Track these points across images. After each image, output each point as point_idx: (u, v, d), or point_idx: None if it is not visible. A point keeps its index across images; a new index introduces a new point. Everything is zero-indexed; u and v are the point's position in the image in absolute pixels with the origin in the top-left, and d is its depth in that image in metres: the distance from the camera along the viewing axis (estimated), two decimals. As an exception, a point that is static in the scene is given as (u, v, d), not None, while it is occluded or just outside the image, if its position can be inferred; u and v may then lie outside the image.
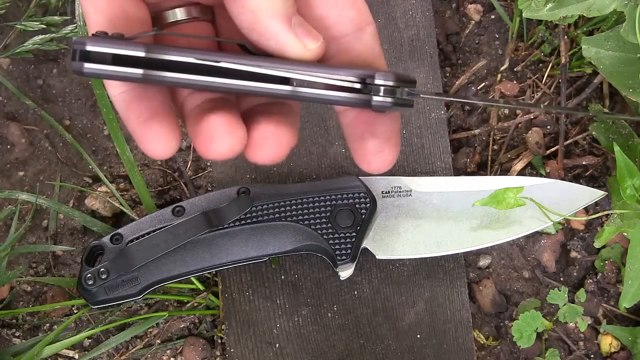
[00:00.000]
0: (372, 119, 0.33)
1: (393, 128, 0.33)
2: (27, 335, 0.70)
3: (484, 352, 0.70)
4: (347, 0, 0.33)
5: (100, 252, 0.64)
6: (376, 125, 0.33)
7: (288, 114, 0.33)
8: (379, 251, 0.66)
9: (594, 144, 0.75)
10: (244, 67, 0.30)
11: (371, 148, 0.33)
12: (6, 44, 0.77)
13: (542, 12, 0.67)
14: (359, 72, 0.31)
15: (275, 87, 0.30)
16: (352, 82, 0.31)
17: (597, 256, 0.72)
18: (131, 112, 0.32)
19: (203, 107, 0.32)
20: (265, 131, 0.31)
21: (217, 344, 0.69)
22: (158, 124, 0.31)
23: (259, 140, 0.31)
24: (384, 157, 0.33)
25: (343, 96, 0.31)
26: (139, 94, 0.32)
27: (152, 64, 0.30)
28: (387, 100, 0.30)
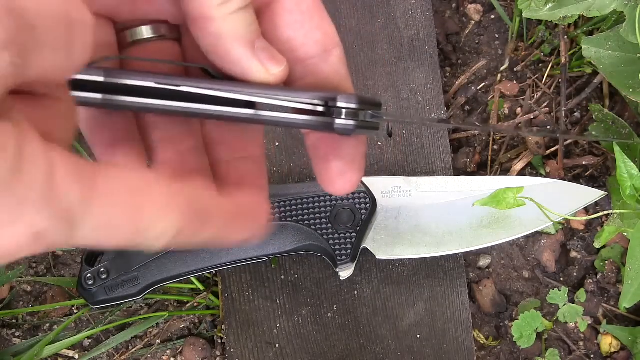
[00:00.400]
0: (337, 140, 0.33)
1: (358, 150, 0.33)
2: (27, 335, 0.70)
3: (484, 352, 0.70)
4: (313, 23, 0.33)
5: (100, 252, 0.64)
6: (341, 147, 0.33)
7: (260, 178, 0.33)
8: (379, 251, 0.66)
9: (594, 144, 0.75)
10: (205, 91, 0.30)
11: (335, 170, 0.33)
12: (6, 44, 0.77)
13: (542, 12, 0.67)
14: (321, 95, 0.30)
15: (237, 110, 0.30)
16: (314, 105, 0.30)
17: (597, 256, 0.72)
18: (95, 139, 0.32)
19: (175, 167, 0.32)
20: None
21: (217, 344, 0.69)
22: (121, 152, 0.31)
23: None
24: (347, 179, 0.33)
25: (305, 119, 0.30)
26: (102, 121, 0.32)
27: (112, 89, 0.30)
28: (350, 124, 0.30)
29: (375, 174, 0.71)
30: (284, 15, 0.32)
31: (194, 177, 0.30)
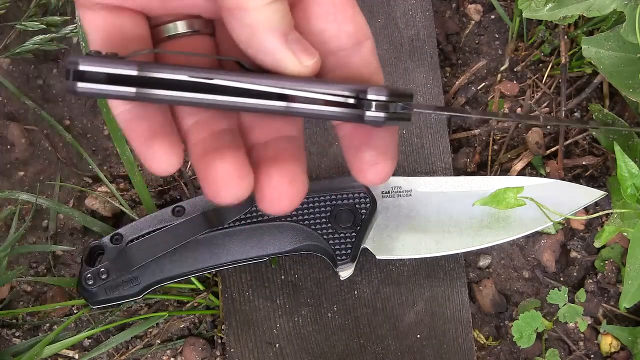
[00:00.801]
0: (369, 131, 0.33)
1: (390, 141, 0.33)
2: (27, 335, 0.70)
3: (484, 352, 0.70)
4: (345, 15, 0.33)
5: (100, 252, 0.64)
6: (373, 138, 0.33)
7: (297, 153, 0.33)
8: (379, 251, 0.66)
9: (594, 144, 0.75)
10: (237, 84, 0.30)
11: (367, 159, 0.33)
12: (6, 44, 0.77)
13: (542, 12, 0.67)
14: (352, 87, 0.31)
15: (270, 103, 0.30)
16: (345, 97, 0.30)
17: (597, 256, 0.72)
18: (132, 131, 0.32)
19: (208, 145, 0.32)
20: (279, 189, 0.31)
21: (217, 344, 0.69)
22: (159, 143, 0.31)
23: (273, 197, 0.31)
24: (379, 169, 0.33)
25: (337, 111, 0.31)
26: (138, 113, 0.32)
27: (145, 82, 0.30)
28: (380, 115, 0.30)
29: (375, 174, 0.70)
30: (316, 7, 0.32)
31: (225, 150, 0.31)
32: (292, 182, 0.31)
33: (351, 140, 0.34)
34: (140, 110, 0.32)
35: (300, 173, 0.32)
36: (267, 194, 0.31)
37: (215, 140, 0.32)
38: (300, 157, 0.33)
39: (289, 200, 0.31)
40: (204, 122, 0.33)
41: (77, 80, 0.29)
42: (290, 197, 0.31)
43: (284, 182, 0.31)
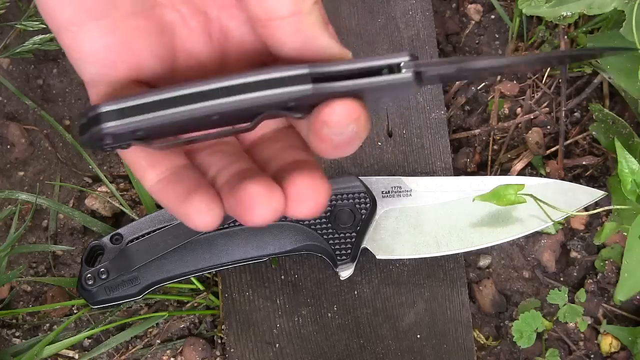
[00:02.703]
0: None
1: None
2: (27, 335, 0.70)
3: (484, 352, 0.70)
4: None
5: (100, 252, 0.64)
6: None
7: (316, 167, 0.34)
8: (379, 251, 0.66)
9: (594, 144, 0.75)
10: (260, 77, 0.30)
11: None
12: (6, 44, 0.77)
13: (542, 9, 0.67)
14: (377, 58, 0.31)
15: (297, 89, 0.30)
16: (378, 67, 0.31)
17: (597, 256, 0.72)
18: (169, 198, 0.33)
19: (234, 179, 0.33)
20: (302, 185, 0.31)
21: (217, 344, 0.69)
22: (198, 199, 0.32)
23: (298, 195, 0.31)
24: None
25: (376, 80, 0.31)
26: (171, 180, 0.33)
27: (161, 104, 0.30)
28: (409, 76, 0.30)
29: (375, 174, 0.71)
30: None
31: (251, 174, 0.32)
32: (314, 183, 0.32)
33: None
34: (173, 178, 0.33)
35: (322, 178, 0.32)
36: (292, 193, 0.31)
37: (239, 175, 0.33)
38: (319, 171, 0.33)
39: (314, 197, 0.31)
40: (227, 165, 0.34)
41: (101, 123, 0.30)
42: (315, 193, 0.31)
43: (306, 182, 0.32)
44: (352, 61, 0.31)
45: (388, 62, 0.30)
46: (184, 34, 0.34)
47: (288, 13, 0.30)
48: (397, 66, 0.30)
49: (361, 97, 0.31)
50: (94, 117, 0.30)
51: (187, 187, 0.33)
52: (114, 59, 0.32)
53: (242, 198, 0.31)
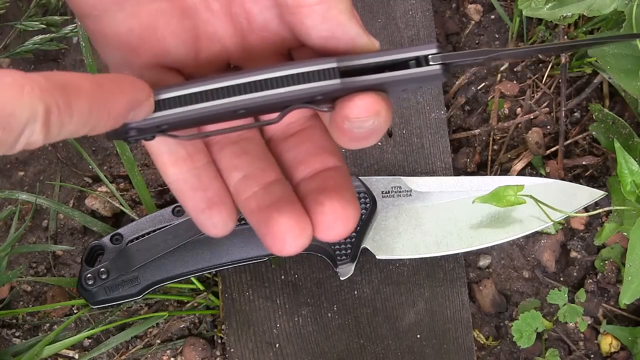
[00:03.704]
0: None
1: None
2: (27, 335, 0.70)
3: (484, 352, 0.70)
4: None
5: (100, 252, 0.64)
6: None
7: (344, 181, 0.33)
8: (379, 251, 0.66)
9: (594, 144, 0.75)
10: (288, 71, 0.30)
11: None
12: (6, 44, 0.77)
13: (542, 11, 0.67)
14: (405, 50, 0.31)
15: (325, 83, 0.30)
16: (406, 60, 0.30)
17: (597, 256, 0.72)
18: (189, 201, 0.34)
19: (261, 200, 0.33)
20: (333, 214, 0.31)
21: (217, 344, 0.69)
22: (217, 213, 0.33)
23: (329, 223, 0.31)
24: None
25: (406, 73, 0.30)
26: (193, 184, 0.33)
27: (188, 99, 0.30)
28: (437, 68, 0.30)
29: (375, 174, 0.71)
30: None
31: (281, 203, 0.32)
32: (344, 207, 0.31)
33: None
34: (195, 181, 0.33)
35: (351, 198, 0.32)
36: (321, 221, 0.31)
37: (267, 193, 0.33)
38: (347, 184, 0.33)
39: (344, 225, 0.31)
40: (252, 175, 0.34)
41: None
42: (344, 221, 0.31)
43: (336, 207, 0.31)
44: (380, 53, 0.31)
45: (416, 54, 0.30)
46: (207, 17, 0.34)
47: (316, 1, 0.30)
48: (425, 58, 0.30)
49: (386, 89, 0.31)
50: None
51: (207, 197, 0.33)
52: (137, 43, 0.32)
53: (274, 231, 0.31)
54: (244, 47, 0.35)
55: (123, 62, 0.33)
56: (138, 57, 0.33)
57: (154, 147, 0.33)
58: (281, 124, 0.35)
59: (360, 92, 0.30)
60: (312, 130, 0.35)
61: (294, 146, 0.35)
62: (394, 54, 0.30)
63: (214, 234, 0.34)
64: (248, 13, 0.34)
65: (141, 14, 0.32)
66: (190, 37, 0.34)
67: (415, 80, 0.30)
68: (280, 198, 0.33)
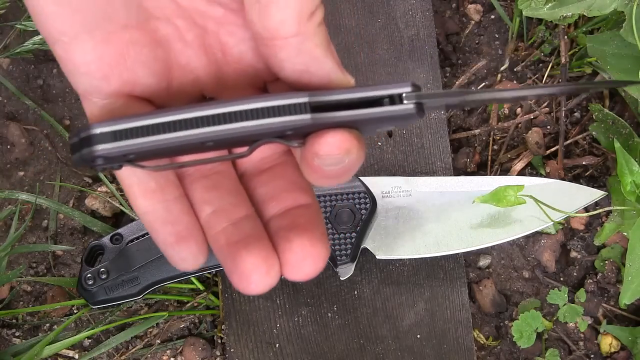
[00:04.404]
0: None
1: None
2: (27, 335, 0.70)
3: (484, 352, 0.70)
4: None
5: (100, 252, 0.64)
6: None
7: (315, 219, 0.33)
8: (379, 251, 0.66)
9: (594, 144, 0.75)
10: (258, 104, 0.29)
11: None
12: (6, 44, 0.77)
13: (542, 11, 0.67)
14: (379, 87, 0.30)
15: (296, 118, 0.29)
16: (379, 97, 0.30)
17: (597, 256, 0.72)
18: (158, 236, 0.34)
19: (230, 236, 0.33)
20: (302, 253, 0.31)
21: (217, 344, 0.69)
22: (186, 247, 0.33)
23: (297, 261, 0.31)
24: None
25: (378, 111, 0.30)
26: (163, 217, 0.33)
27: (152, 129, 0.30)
28: (410, 107, 0.29)
29: (375, 174, 0.71)
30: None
31: (249, 241, 0.31)
32: (314, 245, 0.31)
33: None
34: (165, 215, 0.33)
35: (320, 236, 0.32)
36: (289, 259, 0.31)
37: (237, 229, 0.33)
38: (318, 223, 0.33)
39: (313, 264, 0.31)
40: (222, 210, 0.33)
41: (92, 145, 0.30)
42: (313, 260, 0.31)
43: (305, 245, 0.31)
44: (354, 90, 0.30)
45: (390, 92, 0.30)
46: (180, 48, 0.33)
47: (291, 33, 0.29)
48: (399, 97, 0.29)
49: (359, 126, 0.30)
50: (86, 138, 0.29)
51: (176, 231, 0.33)
52: (107, 71, 0.32)
53: (240, 269, 0.31)
54: (219, 78, 0.34)
55: (92, 90, 0.32)
56: (108, 85, 0.32)
57: (124, 178, 0.33)
58: (254, 158, 0.35)
59: (332, 129, 0.29)
60: (285, 166, 0.35)
61: (266, 182, 0.34)
62: (367, 91, 0.30)
63: (183, 268, 0.34)
64: (223, 45, 0.33)
65: (111, 42, 0.32)
66: (162, 68, 0.33)
67: (389, 118, 0.30)
68: (249, 235, 0.32)
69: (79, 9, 0.30)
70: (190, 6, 0.33)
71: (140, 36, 0.32)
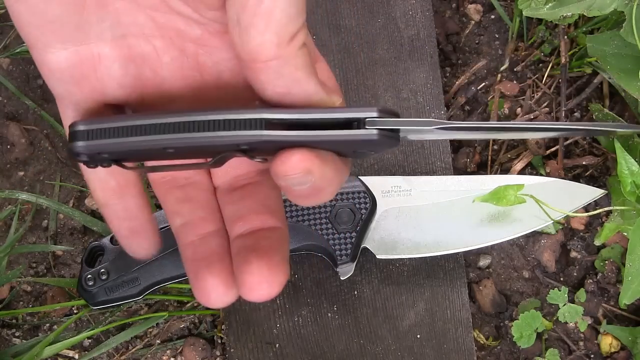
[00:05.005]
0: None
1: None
2: (27, 335, 0.70)
3: (484, 352, 0.70)
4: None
5: (100, 253, 0.64)
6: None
7: (279, 243, 0.34)
8: (379, 251, 0.66)
9: (594, 144, 0.75)
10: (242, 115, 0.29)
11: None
12: (6, 44, 0.77)
13: (542, 10, 0.67)
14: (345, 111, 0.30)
15: (247, 132, 0.29)
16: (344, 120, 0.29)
17: (597, 256, 0.72)
18: (114, 228, 0.36)
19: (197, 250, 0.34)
20: (259, 275, 0.32)
21: (217, 344, 0.69)
22: (136, 243, 0.36)
23: (253, 284, 0.32)
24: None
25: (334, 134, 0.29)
26: (118, 214, 0.35)
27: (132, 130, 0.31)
28: (373, 133, 0.29)
29: (375, 174, 0.71)
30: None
31: (212, 259, 0.33)
32: (271, 270, 0.32)
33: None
34: (121, 212, 0.35)
35: (280, 261, 0.33)
36: (246, 281, 0.32)
37: (202, 245, 0.34)
38: (282, 247, 0.34)
39: (268, 288, 0.32)
40: (191, 224, 0.35)
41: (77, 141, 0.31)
42: (269, 284, 0.32)
43: (262, 269, 0.32)
44: (315, 110, 0.30)
45: (353, 115, 0.29)
46: (155, 66, 0.34)
47: (271, 57, 0.29)
48: (363, 121, 0.29)
49: (325, 147, 0.30)
50: (72, 133, 0.31)
51: (130, 227, 0.35)
52: (78, 78, 0.33)
53: (201, 286, 0.33)
54: (197, 97, 0.34)
55: (66, 94, 0.33)
56: (80, 91, 0.33)
57: (86, 174, 0.34)
58: (228, 175, 0.35)
59: (292, 149, 0.29)
60: (258, 186, 0.35)
61: (237, 200, 0.35)
62: (329, 113, 0.29)
63: (137, 257, 0.36)
64: (200, 65, 0.34)
65: (83, 54, 0.32)
66: (133, 83, 0.34)
67: (352, 142, 0.30)
68: (212, 252, 0.34)
69: (54, 21, 0.31)
70: (168, 25, 0.33)
71: (112, 51, 0.33)
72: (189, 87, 0.34)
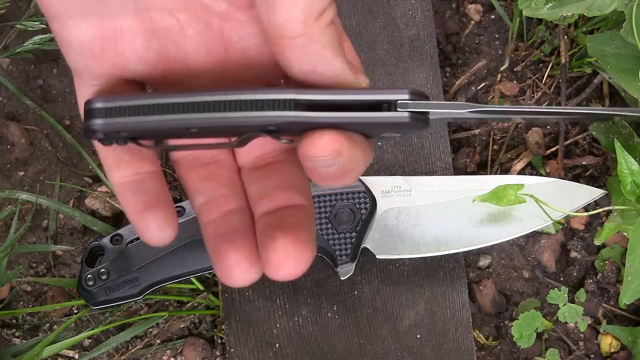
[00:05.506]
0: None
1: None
2: (27, 335, 0.70)
3: (484, 352, 0.70)
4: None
5: (100, 253, 0.64)
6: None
7: (305, 220, 0.33)
8: (379, 251, 0.66)
9: (594, 144, 0.75)
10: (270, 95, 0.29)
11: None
12: (6, 44, 0.77)
13: (542, 11, 0.67)
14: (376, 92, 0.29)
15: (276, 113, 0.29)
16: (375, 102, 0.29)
17: (597, 256, 0.72)
18: (127, 205, 0.33)
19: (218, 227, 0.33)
20: (285, 252, 0.30)
21: (217, 344, 0.69)
22: (152, 216, 0.32)
23: (279, 261, 0.31)
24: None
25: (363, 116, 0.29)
26: (133, 187, 0.33)
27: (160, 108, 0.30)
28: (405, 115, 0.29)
29: (375, 174, 0.71)
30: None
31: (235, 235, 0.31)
32: (297, 246, 0.31)
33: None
34: (136, 185, 0.33)
35: (307, 238, 0.31)
36: (271, 258, 0.31)
37: (225, 222, 0.33)
38: (308, 225, 0.33)
39: (294, 265, 0.30)
40: (214, 201, 0.33)
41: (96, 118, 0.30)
42: (295, 261, 0.30)
43: (288, 245, 0.31)
44: (346, 92, 0.29)
45: (384, 97, 0.29)
46: (179, 41, 0.33)
47: (297, 33, 0.28)
48: (394, 104, 0.29)
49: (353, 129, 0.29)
50: (88, 111, 0.30)
51: (145, 200, 0.33)
52: (98, 53, 0.32)
53: (223, 263, 0.31)
54: (222, 74, 0.34)
55: (84, 69, 0.33)
56: (99, 66, 0.33)
57: (101, 150, 0.33)
58: (253, 154, 0.35)
59: (321, 130, 0.28)
60: (284, 164, 0.34)
61: (261, 178, 0.34)
62: (360, 95, 0.29)
63: (148, 239, 0.33)
64: (225, 41, 0.33)
65: (104, 27, 0.32)
66: (155, 57, 0.33)
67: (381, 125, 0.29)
68: (235, 229, 0.32)
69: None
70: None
71: (135, 24, 0.32)
72: (213, 63, 0.34)
